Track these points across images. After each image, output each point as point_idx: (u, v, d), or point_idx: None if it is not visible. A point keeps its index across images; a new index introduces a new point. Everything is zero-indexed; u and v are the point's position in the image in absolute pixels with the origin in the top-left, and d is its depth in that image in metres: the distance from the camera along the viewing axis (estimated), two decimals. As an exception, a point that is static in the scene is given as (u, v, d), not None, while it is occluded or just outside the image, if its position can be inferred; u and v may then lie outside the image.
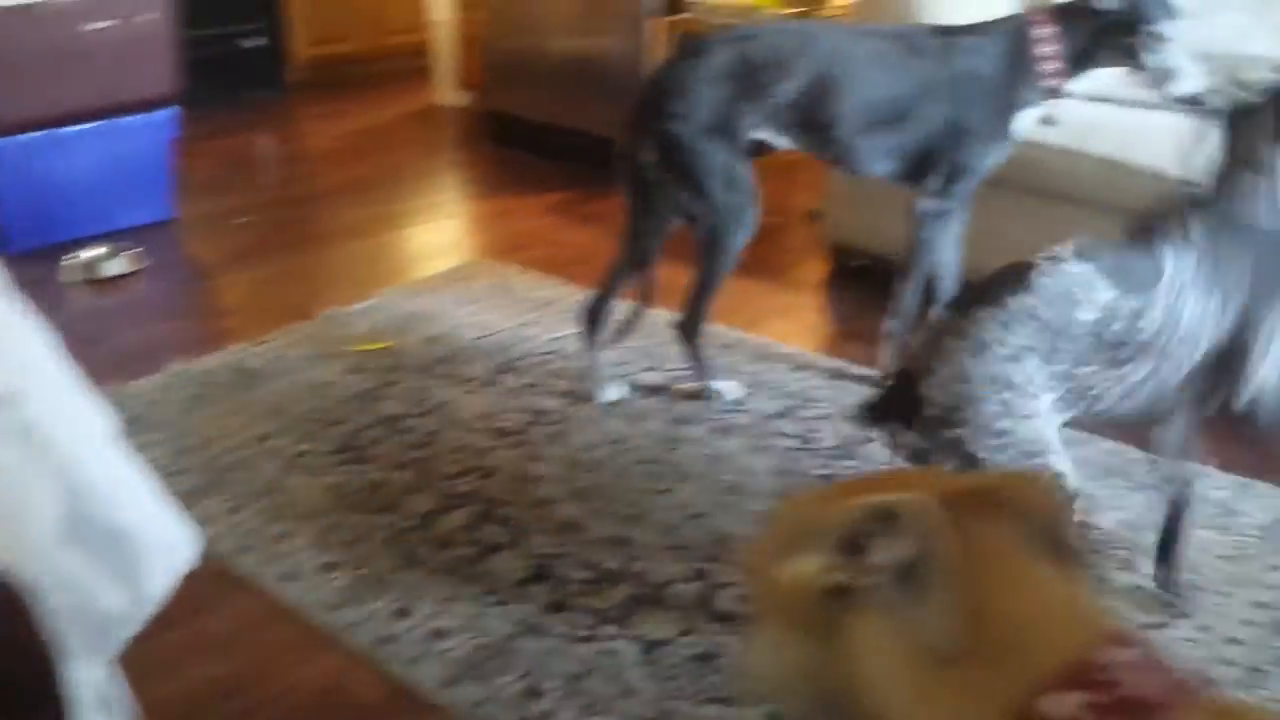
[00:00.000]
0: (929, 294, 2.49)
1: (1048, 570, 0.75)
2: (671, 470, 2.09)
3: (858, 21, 2.85)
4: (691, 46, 2.21)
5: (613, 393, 2.36)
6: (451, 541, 1.88)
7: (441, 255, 3.23)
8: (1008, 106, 2.20)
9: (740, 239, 2.18)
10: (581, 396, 2.34)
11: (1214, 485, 2.03)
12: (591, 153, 3.65)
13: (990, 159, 2.24)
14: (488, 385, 2.40)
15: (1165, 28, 2.09)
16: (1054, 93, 2.19)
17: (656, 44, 3.61)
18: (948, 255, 2.44)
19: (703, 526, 1.93)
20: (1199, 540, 1.87)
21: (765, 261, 3.16)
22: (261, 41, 4.85)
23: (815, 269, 3.13)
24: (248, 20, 4.80)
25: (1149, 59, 2.11)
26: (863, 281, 2.87)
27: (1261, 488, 2.03)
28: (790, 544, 0.80)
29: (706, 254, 2.21)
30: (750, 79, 2.13)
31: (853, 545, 0.75)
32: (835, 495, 0.82)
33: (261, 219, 3.47)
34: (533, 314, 2.76)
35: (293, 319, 2.69)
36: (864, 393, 2.35)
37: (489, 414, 2.28)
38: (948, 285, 2.51)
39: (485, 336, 2.63)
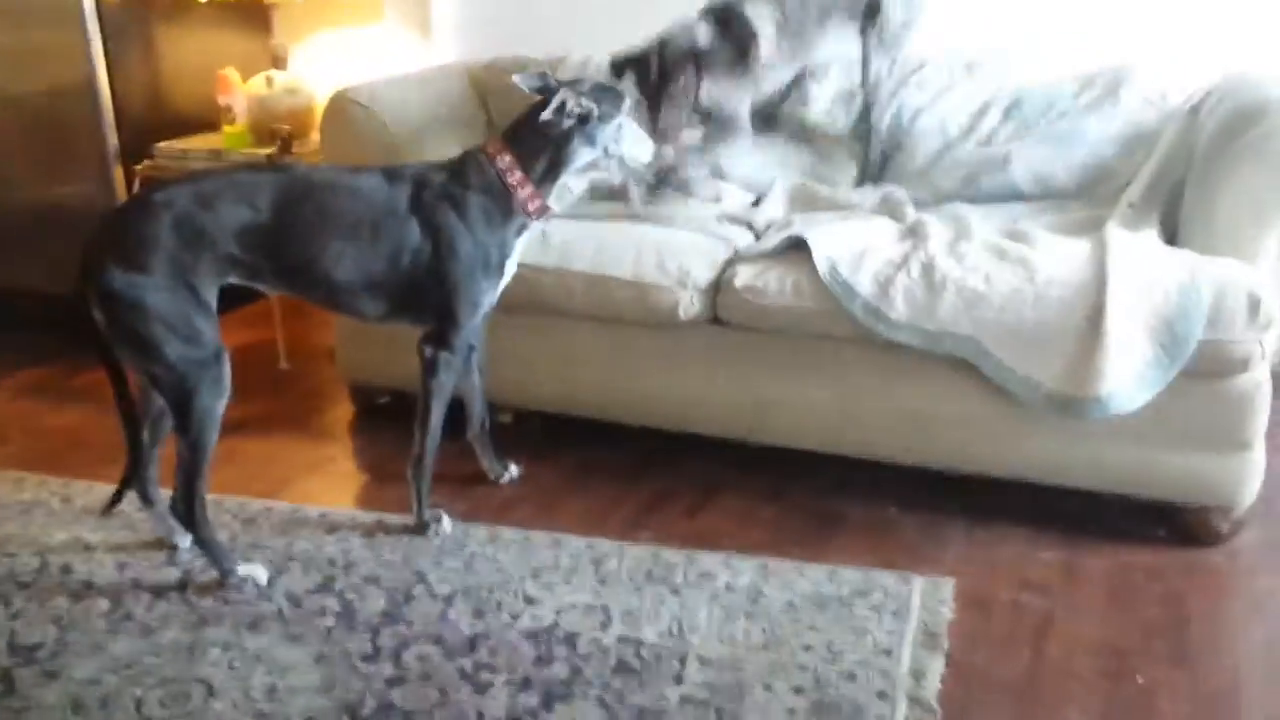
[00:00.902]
0: (465, 420, 2.48)
1: None
2: (196, 687, 1.83)
3: (327, 162, 2.78)
4: (136, 197, 2.06)
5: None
6: None
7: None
8: (490, 238, 2.20)
9: (212, 399, 2.01)
10: (77, 619, 2.01)
11: (737, 572, 2.15)
12: (66, 317, 3.23)
13: (485, 292, 2.24)
14: (-46, 630, 1.99)
15: (618, 119, 2.26)
16: (537, 212, 2.23)
17: (126, 191, 3.30)
18: (471, 380, 2.44)
19: (240, 746, 1.71)
20: (733, 634, 1.95)
21: (288, 413, 2.97)
22: None
23: (342, 413, 2.98)
24: None
25: (615, 148, 2.28)
26: (391, 419, 2.76)
27: (780, 565, 2.17)
28: None
29: (179, 422, 2.02)
30: (200, 226, 1.99)
31: None
32: None
33: None
34: (12, 525, 2.35)
35: None
36: (403, 542, 2.25)
37: (-44, 668, 1.89)
38: (477, 409, 2.49)
39: (-52, 566, 2.20)
